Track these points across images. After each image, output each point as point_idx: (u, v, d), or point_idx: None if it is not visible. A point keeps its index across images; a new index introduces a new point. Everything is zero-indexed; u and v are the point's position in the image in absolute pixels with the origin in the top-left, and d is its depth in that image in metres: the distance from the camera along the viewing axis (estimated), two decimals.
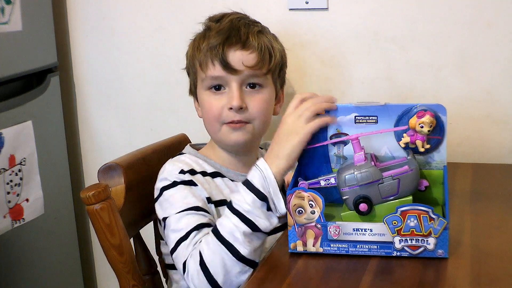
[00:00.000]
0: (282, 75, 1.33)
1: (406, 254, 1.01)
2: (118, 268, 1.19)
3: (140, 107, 1.83)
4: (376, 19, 1.56)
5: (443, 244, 1.00)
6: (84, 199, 1.14)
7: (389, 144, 1.10)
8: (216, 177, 1.26)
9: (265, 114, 1.26)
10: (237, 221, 1.07)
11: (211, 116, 1.25)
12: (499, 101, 1.52)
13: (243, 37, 1.23)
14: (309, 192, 1.04)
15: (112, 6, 1.79)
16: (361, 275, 0.97)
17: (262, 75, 1.25)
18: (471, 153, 1.55)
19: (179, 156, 1.28)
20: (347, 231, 1.03)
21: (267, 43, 1.26)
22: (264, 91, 1.26)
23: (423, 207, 0.99)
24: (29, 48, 1.68)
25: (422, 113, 1.06)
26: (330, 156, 1.13)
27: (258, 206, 1.08)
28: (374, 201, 1.06)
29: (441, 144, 1.09)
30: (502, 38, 1.49)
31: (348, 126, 1.10)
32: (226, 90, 1.24)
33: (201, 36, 1.28)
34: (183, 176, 1.20)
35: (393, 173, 1.05)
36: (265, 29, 1.31)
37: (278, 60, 1.28)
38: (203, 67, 1.24)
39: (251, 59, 1.23)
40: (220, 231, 1.08)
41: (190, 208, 1.16)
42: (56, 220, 1.80)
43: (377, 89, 1.59)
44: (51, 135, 1.78)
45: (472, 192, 1.29)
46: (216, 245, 1.07)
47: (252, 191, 1.08)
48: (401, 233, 1.01)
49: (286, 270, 1.03)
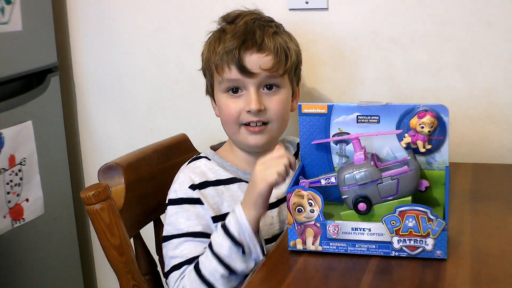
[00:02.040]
0: (298, 73, 1.33)
1: (405, 255, 1.01)
2: (118, 268, 1.19)
3: (140, 107, 1.83)
4: (376, 19, 1.56)
5: (441, 245, 0.99)
6: (84, 199, 1.14)
7: (391, 144, 1.10)
8: (231, 183, 1.26)
9: (283, 114, 1.27)
10: (216, 265, 1.12)
11: (230, 119, 1.25)
12: (499, 101, 1.52)
13: (259, 40, 1.23)
14: (308, 191, 1.04)
15: (112, 6, 1.79)
16: (361, 275, 0.97)
17: (278, 76, 1.24)
18: (471, 153, 1.55)
19: (195, 162, 1.28)
20: (346, 230, 1.03)
21: (283, 44, 1.26)
22: (281, 91, 1.26)
23: (422, 207, 0.99)
24: (29, 48, 1.68)
25: (423, 113, 1.06)
26: (332, 156, 1.14)
27: (234, 251, 1.11)
28: (374, 201, 1.06)
29: (443, 145, 1.08)
30: (502, 38, 1.49)
31: (350, 126, 1.10)
32: (243, 92, 1.24)
33: (216, 39, 1.27)
34: (192, 193, 1.22)
35: (392, 173, 1.05)
36: (280, 28, 1.30)
37: (294, 60, 1.28)
38: (219, 70, 1.24)
39: (267, 62, 1.22)
40: (201, 270, 1.13)
41: (189, 234, 1.19)
42: (56, 220, 1.80)
43: (377, 89, 1.59)
44: (51, 135, 1.78)
45: (472, 192, 1.29)
46: (198, 283, 1.13)
47: (228, 237, 1.11)
48: (400, 233, 1.01)
49: (286, 270, 1.03)
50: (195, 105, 1.75)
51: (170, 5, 1.73)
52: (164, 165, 1.37)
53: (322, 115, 1.12)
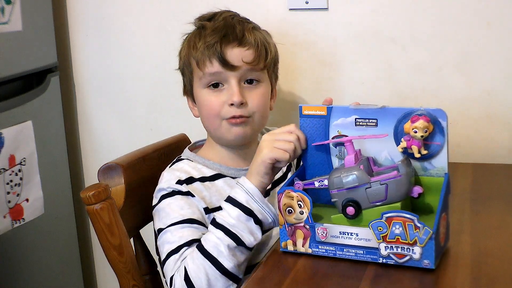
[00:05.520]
0: (276, 71, 1.35)
1: (392, 262, 0.98)
2: (118, 268, 1.19)
3: (140, 107, 1.83)
4: (376, 19, 1.56)
5: (428, 254, 0.96)
6: (84, 199, 1.14)
7: (389, 149, 1.07)
8: (216, 180, 1.26)
9: (264, 108, 1.28)
10: (221, 235, 1.10)
11: (211, 113, 1.25)
12: (499, 101, 1.52)
13: (239, 34, 1.24)
14: (298, 193, 1.04)
15: (112, 6, 1.79)
16: (360, 276, 0.97)
17: (259, 70, 1.26)
18: (471, 153, 1.55)
19: (177, 163, 1.28)
20: (334, 233, 1.02)
21: (263, 39, 1.28)
22: (261, 86, 1.27)
23: (408, 214, 0.96)
24: (29, 48, 1.68)
25: (416, 117, 1.02)
26: (332, 158, 1.13)
27: (242, 220, 1.10)
28: (363, 206, 1.04)
29: (441, 150, 1.04)
30: (502, 38, 1.49)
31: (348, 128, 1.09)
32: (224, 87, 1.25)
33: (195, 35, 1.29)
34: (180, 187, 1.21)
35: (381, 178, 1.03)
36: (257, 26, 1.32)
37: (273, 55, 1.30)
38: (200, 65, 1.25)
39: (248, 55, 1.24)
40: (204, 245, 1.11)
41: (185, 221, 1.17)
42: (56, 220, 1.80)
43: (377, 89, 1.59)
44: (51, 135, 1.78)
45: (472, 192, 1.29)
46: (200, 259, 1.10)
47: (237, 206, 1.11)
48: (387, 240, 0.98)
49: (285, 271, 1.03)
50: None
51: (170, 5, 1.73)
52: (164, 165, 1.37)
53: (322, 117, 1.11)
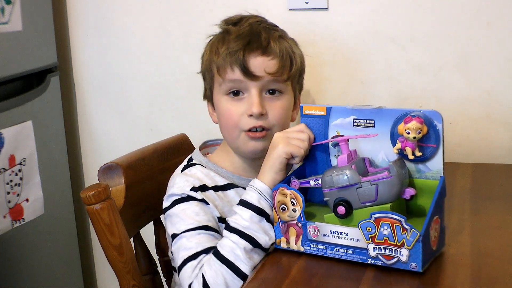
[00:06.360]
0: (301, 81, 1.31)
1: (380, 263, 0.98)
2: (118, 268, 1.19)
3: (140, 107, 1.83)
4: (376, 19, 1.56)
5: (416, 257, 0.95)
6: (84, 199, 1.14)
7: (386, 150, 1.07)
8: (228, 189, 1.24)
9: (284, 122, 1.23)
10: (236, 238, 1.09)
11: (230, 123, 1.22)
12: (499, 101, 1.52)
13: (264, 42, 1.20)
14: (291, 190, 1.04)
15: (112, 6, 1.79)
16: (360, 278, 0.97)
17: (282, 81, 1.22)
18: (471, 153, 1.55)
19: (190, 169, 1.25)
20: (325, 232, 1.02)
21: (288, 49, 1.23)
22: (283, 97, 1.23)
23: (396, 215, 0.96)
24: (29, 48, 1.68)
25: (410, 118, 1.02)
26: (331, 158, 1.13)
27: (255, 221, 1.09)
28: (354, 206, 1.04)
29: (436, 153, 1.03)
30: (502, 38, 1.49)
31: (346, 129, 1.09)
32: (245, 96, 1.20)
33: (219, 40, 1.23)
34: (195, 194, 1.19)
35: (371, 178, 1.03)
36: (285, 33, 1.28)
37: (298, 66, 1.25)
38: (221, 72, 1.21)
39: (272, 66, 1.19)
40: (220, 251, 1.09)
41: (201, 227, 1.15)
42: (56, 220, 1.80)
43: (377, 89, 1.59)
44: (51, 135, 1.78)
45: (472, 192, 1.29)
46: (217, 265, 1.08)
47: (249, 208, 1.10)
48: (375, 240, 0.98)
49: (286, 270, 1.03)
50: (195, 105, 1.74)
51: (170, 5, 1.73)
52: (164, 165, 1.37)
53: (321, 117, 1.12)
